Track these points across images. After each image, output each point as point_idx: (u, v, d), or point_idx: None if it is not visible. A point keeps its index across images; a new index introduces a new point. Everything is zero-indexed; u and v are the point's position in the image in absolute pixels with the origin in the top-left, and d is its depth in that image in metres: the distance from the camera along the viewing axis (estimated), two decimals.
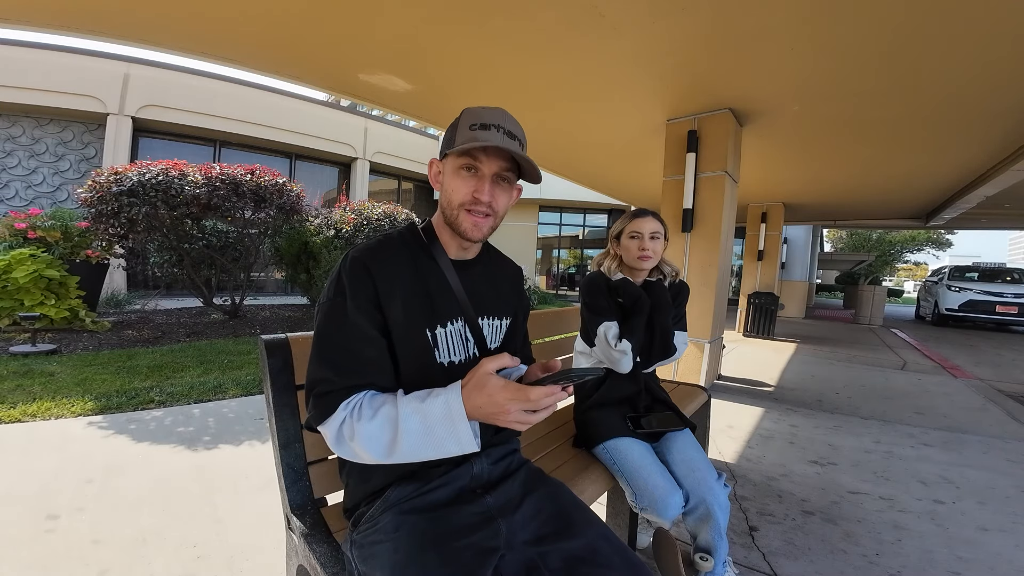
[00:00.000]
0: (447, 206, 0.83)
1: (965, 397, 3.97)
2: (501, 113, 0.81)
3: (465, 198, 0.81)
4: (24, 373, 3.16)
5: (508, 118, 0.81)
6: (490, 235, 0.86)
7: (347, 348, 0.74)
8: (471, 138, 0.78)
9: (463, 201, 0.81)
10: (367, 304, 0.76)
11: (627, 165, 6.05)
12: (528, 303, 1.07)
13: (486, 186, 0.80)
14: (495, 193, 0.82)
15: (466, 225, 0.82)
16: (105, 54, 7.84)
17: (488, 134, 0.78)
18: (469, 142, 0.78)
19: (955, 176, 5.78)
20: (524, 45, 2.89)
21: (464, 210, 0.81)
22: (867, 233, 26.57)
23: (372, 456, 0.70)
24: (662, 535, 1.29)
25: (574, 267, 16.39)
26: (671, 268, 1.59)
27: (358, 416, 0.70)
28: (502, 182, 0.83)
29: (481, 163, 0.80)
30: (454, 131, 0.82)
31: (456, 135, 0.81)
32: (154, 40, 3.02)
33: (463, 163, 0.81)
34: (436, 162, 0.87)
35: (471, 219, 0.81)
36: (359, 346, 0.75)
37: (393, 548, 0.72)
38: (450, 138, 0.83)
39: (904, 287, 44.28)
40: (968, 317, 9.58)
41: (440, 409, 0.68)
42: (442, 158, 0.86)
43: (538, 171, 0.83)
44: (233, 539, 1.53)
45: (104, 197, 4.47)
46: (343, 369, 0.73)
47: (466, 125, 0.80)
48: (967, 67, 2.81)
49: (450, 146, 0.81)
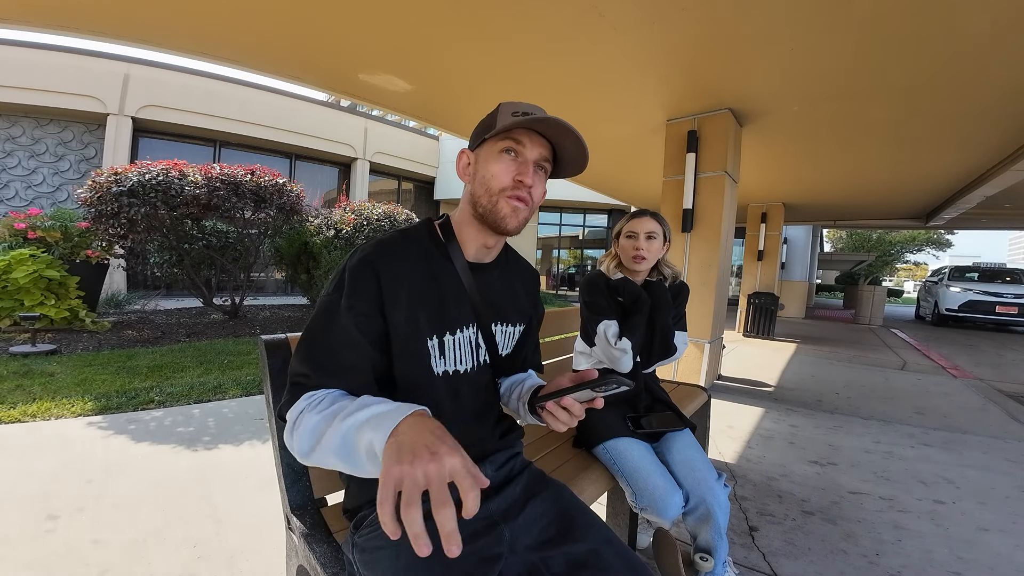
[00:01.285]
0: (484, 193, 0.78)
1: (965, 397, 3.97)
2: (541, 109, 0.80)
3: (507, 182, 0.77)
4: (24, 373, 3.16)
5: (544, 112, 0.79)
6: (524, 225, 0.82)
7: (329, 349, 0.72)
8: (513, 123, 0.75)
9: (504, 186, 0.77)
10: (364, 307, 0.73)
11: (627, 165, 6.05)
12: (542, 310, 1.04)
13: (530, 169, 0.77)
14: (536, 179, 0.79)
15: (506, 211, 0.77)
16: (105, 54, 7.84)
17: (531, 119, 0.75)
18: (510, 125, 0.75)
19: (955, 176, 5.78)
20: (524, 45, 2.89)
21: (505, 196, 0.77)
22: (867, 233, 26.56)
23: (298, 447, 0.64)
24: (662, 535, 1.29)
25: (574, 267, 16.40)
26: (671, 270, 1.58)
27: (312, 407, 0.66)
28: (540, 171, 0.80)
29: (524, 147, 0.77)
30: (493, 119, 0.79)
31: (497, 121, 0.78)
32: (154, 40, 3.02)
33: (504, 146, 0.77)
34: (467, 153, 0.83)
35: (512, 204, 0.77)
36: (341, 350, 0.72)
37: (395, 555, 0.71)
38: (488, 126, 0.79)
39: (904, 287, 44.27)
40: (968, 317, 9.58)
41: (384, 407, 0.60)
42: (474, 148, 0.82)
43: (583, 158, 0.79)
44: (233, 539, 1.53)
45: (104, 197, 4.47)
46: (320, 369, 0.71)
47: (507, 112, 0.78)
48: (967, 67, 2.81)
49: (491, 128, 0.78)
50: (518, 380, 0.96)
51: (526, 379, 0.95)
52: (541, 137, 0.78)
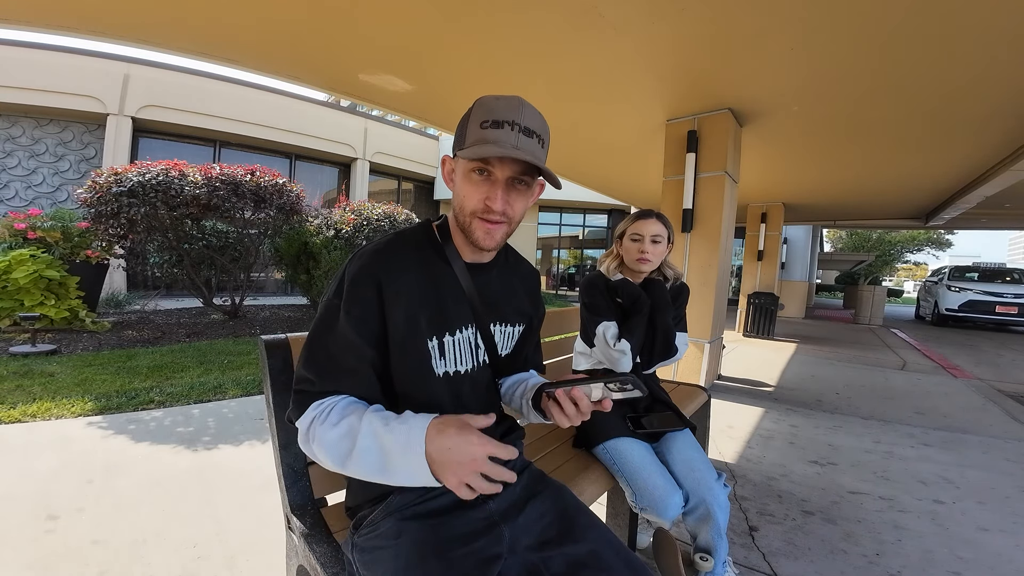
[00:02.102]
0: (459, 212, 0.78)
1: (965, 397, 3.97)
2: (517, 104, 0.73)
3: (477, 206, 0.75)
4: (24, 373, 3.16)
5: (525, 110, 0.73)
6: (505, 241, 0.83)
7: (330, 354, 0.73)
8: (481, 139, 0.71)
9: (475, 209, 0.75)
10: (364, 312, 0.73)
11: (627, 165, 6.05)
12: (543, 309, 1.02)
13: (499, 193, 0.74)
14: (510, 199, 0.75)
15: (479, 234, 0.76)
16: (105, 54, 7.85)
17: (500, 134, 0.71)
18: (479, 143, 0.71)
19: (955, 176, 5.78)
20: (524, 45, 2.89)
21: (477, 218, 0.76)
22: (867, 233, 26.57)
23: (328, 463, 0.68)
24: (662, 535, 1.29)
25: (574, 267, 16.41)
26: (673, 271, 1.57)
27: (323, 419, 0.69)
28: (518, 185, 0.76)
29: (493, 167, 0.73)
30: (465, 126, 0.75)
31: (467, 132, 0.74)
32: (154, 40, 3.02)
33: (474, 167, 0.74)
34: (449, 159, 0.81)
35: (484, 227, 0.76)
36: (342, 354, 0.73)
37: (394, 555, 0.71)
38: (461, 134, 0.76)
39: (904, 287, 44.27)
40: (968, 317, 9.58)
41: (400, 438, 0.64)
42: (455, 155, 0.79)
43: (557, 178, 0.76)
44: (233, 539, 1.53)
45: (104, 197, 4.47)
46: (323, 374, 0.72)
47: (477, 122, 0.73)
48: (966, 68, 2.81)
49: (461, 144, 0.75)
50: (520, 379, 0.96)
51: (529, 378, 0.95)
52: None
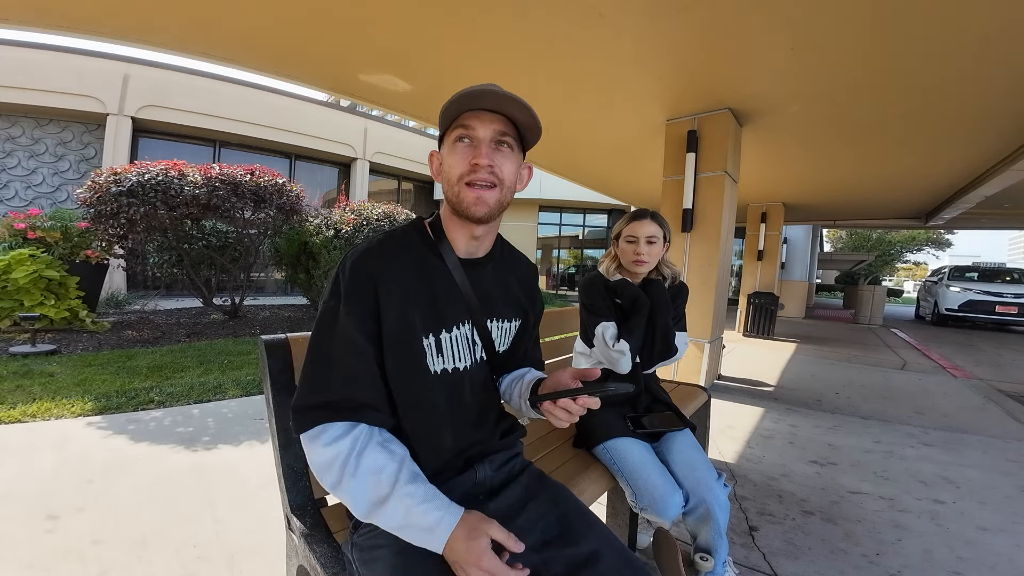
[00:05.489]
0: (447, 186, 0.78)
1: (965, 397, 3.97)
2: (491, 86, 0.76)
3: (463, 168, 0.75)
4: (24, 373, 3.16)
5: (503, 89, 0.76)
6: (499, 212, 0.80)
7: (333, 357, 0.72)
8: (457, 107, 0.75)
9: (461, 173, 0.75)
10: (361, 311, 0.73)
11: (627, 165, 6.05)
12: (542, 304, 1.02)
13: (483, 149, 0.75)
14: (495, 158, 0.76)
15: (468, 199, 0.75)
16: (105, 54, 7.84)
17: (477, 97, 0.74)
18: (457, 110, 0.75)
19: (954, 176, 5.79)
20: (524, 46, 2.89)
21: (464, 184, 0.75)
22: (867, 233, 26.59)
23: (351, 507, 0.70)
24: (662, 535, 1.29)
25: (574, 267, 16.42)
26: (671, 270, 1.57)
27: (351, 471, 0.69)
28: (501, 147, 0.77)
29: (475, 129, 0.75)
30: (447, 108, 0.77)
31: (449, 111, 0.77)
32: (154, 40, 3.02)
33: (456, 135, 0.76)
34: (436, 154, 0.83)
35: (473, 193, 0.75)
36: (345, 359, 0.72)
37: (395, 553, 0.72)
38: (443, 123, 0.79)
39: (904, 287, 44.28)
40: (968, 317, 9.59)
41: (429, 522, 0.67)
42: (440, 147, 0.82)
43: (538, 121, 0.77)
44: (233, 539, 1.53)
45: (103, 197, 4.47)
46: (328, 379, 0.72)
47: (455, 101, 0.75)
48: (966, 68, 2.81)
49: (445, 124, 0.78)
50: (517, 376, 0.95)
51: (525, 374, 0.94)
52: (493, 114, 0.75)
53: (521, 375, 0.95)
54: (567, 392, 0.71)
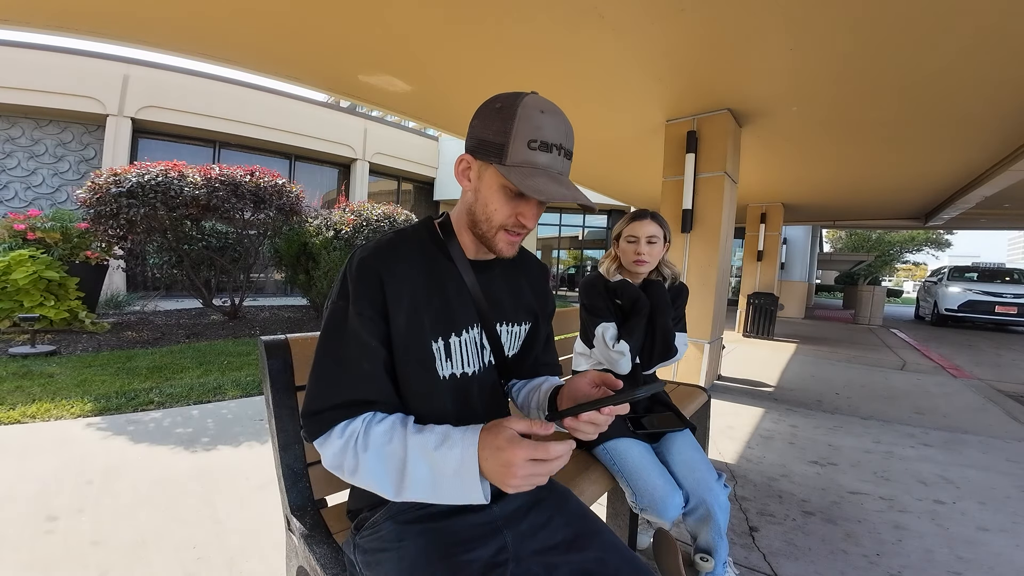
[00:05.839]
0: (484, 222, 0.75)
1: (965, 397, 3.97)
2: (564, 125, 0.71)
3: (507, 221, 0.74)
4: (23, 374, 3.16)
5: (568, 131, 0.72)
6: None
7: (343, 358, 0.70)
8: (529, 162, 0.68)
9: (504, 223, 0.74)
10: (370, 310, 0.71)
11: (626, 166, 6.06)
12: (553, 305, 0.99)
13: (534, 211, 0.74)
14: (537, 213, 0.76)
15: (502, 245, 0.76)
16: (105, 55, 7.84)
17: (548, 159, 0.69)
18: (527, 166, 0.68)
19: (954, 176, 5.79)
20: (524, 46, 2.89)
21: (503, 231, 0.75)
22: (866, 233, 26.61)
23: (380, 494, 0.66)
24: (662, 536, 1.29)
25: (574, 267, 16.42)
26: (672, 270, 1.57)
27: (363, 447, 0.66)
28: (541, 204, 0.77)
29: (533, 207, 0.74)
30: (507, 135, 0.68)
31: (510, 145, 0.68)
32: (154, 41, 3.02)
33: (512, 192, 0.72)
34: (469, 159, 0.75)
35: (508, 238, 0.76)
36: (355, 360, 0.70)
37: (399, 556, 0.71)
38: (500, 142, 0.69)
39: (903, 287, 44.30)
40: (967, 317, 9.59)
41: (453, 464, 0.63)
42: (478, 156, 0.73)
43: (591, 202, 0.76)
44: (233, 540, 1.53)
45: (103, 198, 4.47)
46: (339, 381, 0.70)
47: (524, 138, 0.68)
48: (966, 68, 2.81)
49: (500, 154, 0.69)
50: (534, 386, 0.92)
51: (542, 384, 0.91)
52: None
53: (538, 385, 0.91)
54: (589, 405, 0.65)
